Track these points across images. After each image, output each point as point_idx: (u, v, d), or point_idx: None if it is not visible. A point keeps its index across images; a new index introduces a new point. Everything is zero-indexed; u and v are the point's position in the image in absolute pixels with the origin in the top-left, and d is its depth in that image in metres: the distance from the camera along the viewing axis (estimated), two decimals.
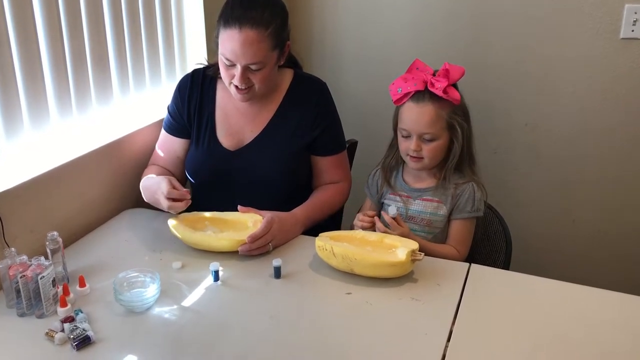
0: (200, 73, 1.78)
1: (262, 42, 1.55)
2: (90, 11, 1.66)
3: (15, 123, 1.48)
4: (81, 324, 1.22)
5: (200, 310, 1.33)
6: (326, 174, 1.78)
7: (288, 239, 1.60)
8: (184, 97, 1.76)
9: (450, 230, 1.62)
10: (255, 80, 1.60)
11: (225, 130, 1.73)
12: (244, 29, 1.53)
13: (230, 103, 1.73)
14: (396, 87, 1.57)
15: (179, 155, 1.79)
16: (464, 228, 1.61)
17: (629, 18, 2.20)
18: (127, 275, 1.35)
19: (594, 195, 2.46)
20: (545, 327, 1.25)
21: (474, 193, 1.59)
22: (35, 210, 1.51)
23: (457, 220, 1.61)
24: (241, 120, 1.73)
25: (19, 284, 1.26)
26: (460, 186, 1.60)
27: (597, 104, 2.35)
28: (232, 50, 1.55)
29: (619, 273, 2.48)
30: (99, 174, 1.72)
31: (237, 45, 1.53)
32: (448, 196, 1.61)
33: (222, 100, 1.75)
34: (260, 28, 1.54)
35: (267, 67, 1.60)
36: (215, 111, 1.74)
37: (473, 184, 1.61)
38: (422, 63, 1.60)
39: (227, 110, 1.74)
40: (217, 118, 1.74)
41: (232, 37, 1.54)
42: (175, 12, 2.05)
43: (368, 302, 1.34)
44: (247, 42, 1.53)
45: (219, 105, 1.75)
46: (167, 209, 1.56)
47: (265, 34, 1.55)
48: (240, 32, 1.53)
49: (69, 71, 1.62)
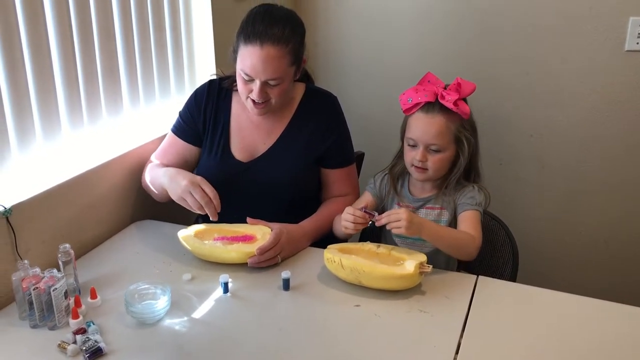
0: (216, 84, 1.79)
1: (283, 59, 1.57)
2: (102, 25, 1.68)
3: (28, 135, 1.50)
4: (93, 336, 1.24)
5: (210, 321, 1.34)
6: (335, 187, 1.80)
7: (296, 251, 1.61)
8: (200, 106, 1.77)
9: (458, 223, 1.59)
10: (273, 95, 1.62)
11: (239, 142, 1.75)
12: (266, 45, 1.54)
13: (243, 115, 1.75)
14: (407, 97, 1.59)
15: (187, 160, 1.79)
16: (472, 216, 1.56)
17: (634, 30, 2.22)
18: (138, 287, 1.36)
19: (600, 206, 2.46)
20: (553, 339, 1.26)
21: (475, 191, 1.59)
22: (47, 222, 1.53)
23: (462, 213, 1.58)
24: (254, 132, 1.75)
25: (31, 296, 1.28)
26: (461, 189, 1.61)
27: (602, 115, 2.36)
28: (252, 66, 1.56)
29: (627, 283, 2.48)
30: (109, 186, 1.74)
31: (258, 62, 1.55)
32: (450, 202, 1.61)
33: (236, 112, 1.77)
34: (281, 45, 1.55)
35: (285, 82, 1.62)
36: (229, 123, 1.76)
37: (474, 185, 1.61)
38: (434, 76, 1.62)
39: (240, 123, 1.76)
40: (231, 130, 1.76)
41: (252, 53, 1.55)
42: (184, 26, 2.08)
43: (377, 315, 1.35)
44: (269, 58, 1.55)
45: (234, 117, 1.77)
46: (202, 206, 1.52)
47: (285, 51, 1.56)
48: (262, 49, 1.54)
49: (80, 83, 1.65)
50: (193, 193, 1.53)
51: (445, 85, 1.59)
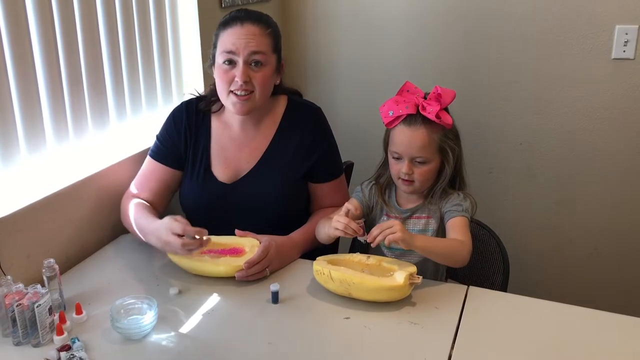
0: (193, 104, 1.76)
1: (265, 37, 1.60)
2: (87, 36, 1.67)
3: (12, 148, 1.48)
4: (78, 352, 1.21)
5: (198, 336, 1.32)
6: (325, 199, 1.78)
7: (285, 263, 1.59)
8: (179, 128, 1.73)
9: (447, 231, 1.57)
10: (256, 82, 1.59)
11: (222, 163, 1.72)
12: (246, 23, 1.59)
13: (225, 135, 1.72)
14: (387, 110, 1.57)
15: (169, 184, 1.74)
16: (460, 222, 1.55)
17: (620, 39, 2.23)
18: (124, 302, 1.34)
19: (591, 213, 2.47)
20: (545, 349, 1.25)
21: (460, 197, 1.58)
22: (32, 237, 1.50)
23: (450, 220, 1.56)
24: (237, 152, 1.72)
25: (14, 313, 1.25)
26: (446, 197, 1.60)
27: (590, 123, 2.37)
28: (234, 42, 1.58)
29: (616, 292, 2.48)
30: (95, 199, 1.71)
31: (241, 35, 1.58)
32: (436, 211, 1.60)
33: (217, 133, 1.73)
34: (262, 25, 1.61)
35: (268, 68, 1.61)
36: (210, 145, 1.73)
37: (460, 192, 1.60)
38: (412, 85, 1.60)
39: (222, 144, 1.73)
40: (212, 151, 1.72)
41: (233, 32, 1.59)
42: (172, 37, 2.07)
43: (367, 327, 1.33)
44: (250, 33, 1.59)
45: (214, 139, 1.73)
46: (183, 248, 1.44)
47: (267, 32, 1.61)
48: (243, 26, 1.59)
49: (65, 95, 1.63)
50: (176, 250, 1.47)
51: (424, 94, 1.58)
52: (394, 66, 2.56)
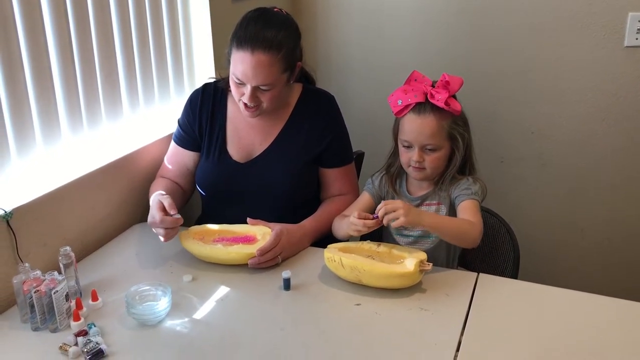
0: (212, 86, 1.80)
1: (274, 66, 1.56)
2: (100, 29, 1.69)
3: (28, 139, 1.51)
4: (94, 338, 1.24)
5: (211, 322, 1.34)
6: (334, 186, 1.80)
7: (297, 251, 1.61)
8: (195, 111, 1.78)
9: (458, 214, 1.58)
10: (264, 100, 1.62)
11: (236, 143, 1.76)
12: (256, 52, 1.54)
13: (240, 116, 1.75)
14: (396, 99, 1.58)
15: (189, 167, 1.81)
16: (470, 205, 1.55)
17: (633, 26, 2.22)
18: (138, 288, 1.37)
19: (601, 203, 2.46)
20: (555, 336, 1.26)
21: (470, 182, 1.59)
22: (48, 225, 1.53)
23: (460, 203, 1.57)
24: (251, 133, 1.76)
25: (32, 299, 1.28)
26: (455, 182, 1.60)
27: (602, 111, 2.36)
28: (243, 72, 1.56)
29: (628, 280, 2.48)
30: (109, 188, 1.74)
31: (249, 68, 1.55)
32: (446, 197, 1.61)
33: (233, 113, 1.77)
34: (272, 51, 1.54)
35: (277, 88, 1.62)
36: (226, 124, 1.77)
37: (469, 177, 1.61)
38: (420, 74, 1.61)
39: (237, 124, 1.76)
40: (227, 131, 1.76)
41: (244, 59, 1.55)
42: (183, 29, 2.08)
43: (377, 313, 1.35)
44: (259, 65, 1.54)
45: (230, 119, 1.77)
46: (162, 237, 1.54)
47: (277, 58, 1.56)
48: (253, 55, 1.54)
49: (80, 87, 1.65)
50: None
51: (432, 82, 1.58)
52: (404, 57, 2.55)
